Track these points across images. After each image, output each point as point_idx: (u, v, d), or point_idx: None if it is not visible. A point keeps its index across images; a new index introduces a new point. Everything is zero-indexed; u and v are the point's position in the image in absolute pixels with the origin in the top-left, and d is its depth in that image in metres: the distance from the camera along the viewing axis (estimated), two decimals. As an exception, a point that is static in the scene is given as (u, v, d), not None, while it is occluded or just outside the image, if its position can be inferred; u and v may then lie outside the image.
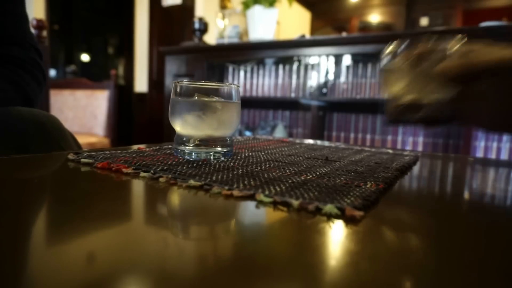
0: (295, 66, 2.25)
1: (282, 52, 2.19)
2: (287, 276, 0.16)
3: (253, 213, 0.26)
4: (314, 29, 5.38)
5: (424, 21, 4.82)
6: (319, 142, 0.74)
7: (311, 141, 0.75)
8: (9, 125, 0.52)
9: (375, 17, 5.34)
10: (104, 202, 0.27)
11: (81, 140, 0.83)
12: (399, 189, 0.36)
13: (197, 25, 2.47)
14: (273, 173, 0.35)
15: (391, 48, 0.43)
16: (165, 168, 0.36)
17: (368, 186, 0.32)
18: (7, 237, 0.19)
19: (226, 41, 2.56)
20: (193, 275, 0.16)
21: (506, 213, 0.32)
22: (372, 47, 1.94)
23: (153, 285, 0.15)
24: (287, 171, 0.37)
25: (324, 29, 5.35)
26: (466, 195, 0.40)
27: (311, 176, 0.35)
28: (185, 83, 0.42)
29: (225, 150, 0.43)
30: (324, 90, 2.16)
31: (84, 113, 2.47)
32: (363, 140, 2.05)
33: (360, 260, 0.19)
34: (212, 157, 0.42)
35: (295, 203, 0.26)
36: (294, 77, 2.25)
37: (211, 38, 3.01)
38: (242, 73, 2.43)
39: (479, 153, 1.71)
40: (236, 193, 0.28)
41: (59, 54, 3.85)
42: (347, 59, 2.12)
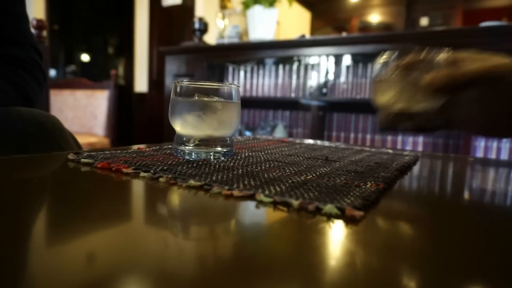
0: (295, 66, 2.25)
1: (282, 52, 2.19)
2: (287, 276, 0.16)
3: (253, 213, 0.26)
4: (314, 29, 5.38)
5: (424, 21, 4.82)
6: (319, 142, 0.74)
7: (311, 141, 0.75)
8: (9, 125, 0.52)
9: (375, 17, 5.34)
10: (104, 202, 0.27)
11: (81, 140, 0.83)
12: (399, 189, 0.36)
13: (197, 25, 2.47)
14: (273, 173, 0.35)
15: (382, 58, 0.45)
16: (165, 168, 0.36)
17: (368, 186, 0.32)
18: (7, 237, 0.19)
19: (226, 41, 2.56)
20: (193, 275, 0.16)
21: (506, 213, 0.32)
22: (372, 47, 1.94)
23: (153, 285, 0.15)
24: (287, 171, 0.37)
25: (324, 29, 5.35)
26: (466, 195, 0.40)
27: (311, 176, 0.35)
28: (185, 83, 0.42)
29: (225, 150, 0.43)
30: (324, 90, 2.16)
31: (84, 113, 2.47)
32: (363, 140, 2.05)
33: (360, 260, 0.19)
34: (212, 157, 0.42)
35: (295, 203, 0.26)
36: (294, 77, 2.25)
37: (211, 38, 3.01)
38: (242, 73, 2.43)
39: (479, 153, 1.71)
40: (236, 193, 0.28)
41: (59, 54, 3.86)
42: (347, 59, 2.12)
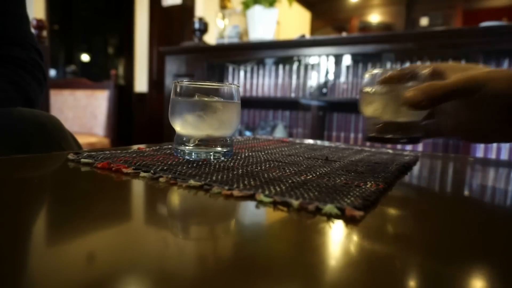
0: (295, 66, 2.25)
1: (282, 52, 2.19)
2: (287, 276, 0.16)
3: (253, 213, 0.26)
4: (314, 29, 5.38)
5: (424, 21, 4.82)
6: (319, 142, 0.74)
7: (311, 141, 0.75)
8: (10, 125, 0.52)
9: (375, 17, 5.34)
10: (104, 202, 0.27)
11: (81, 140, 0.83)
12: (399, 189, 0.36)
13: (197, 25, 2.47)
14: (273, 173, 0.35)
15: (369, 72, 0.46)
16: (165, 168, 0.36)
17: (368, 186, 0.32)
18: (7, 237, 0.19)
19: (226, 41, 2.56)
20: (193, 275, 0.16)
21: (506, 212, 0.32)
22: (372, 47, 1.94)
23: (153, 285, 0.15)
24: (287, 171, 0.37)
25: (324, 29, 5.35)
26: (466, 195, 0.40)
27: (311, 176, 0.35)
28: (185, 83, 0.42)
29: (225, 150, 0.43)
30: (324, 90, 2.16)
31: (84, 113, 2.47)
32: (363, 140, 2.05)
33: (360, 260, 0.19)
34: (212, 157, 0.42)
35: (295, 203, 0.26)
36: (294, 77, 2.25)
37: (211, 38, 3.01)
38: (242, 73, 2.43)
39: (479, 153, 1.71)
40: (236, 193, 0.28)
41: (59, 54, 3.86)
42: (347, 59, 2.12)
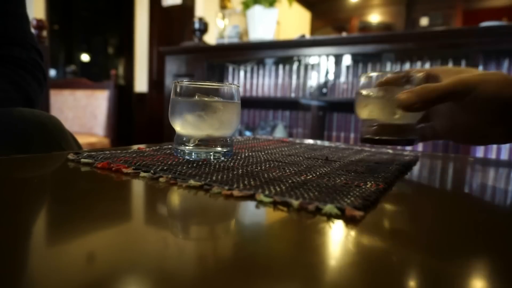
0: (295, 66, 2.25)
1: (282, 52, 2.19)
2: (287, 276, 0.16)
3: (253, 213, 0.26)
4: (314, 29, 5.38)
5: (424, 21, 4.82)
6: (319, 142, 0.74)
7: (311, 141, 0.75)
8: (10, 125, 0.52)
9: (375, 17, 5.34)
10: (104, 202, 0.27)
11: (81, 140, 0.83)
12: (399, 189, 0.36)
13: (197, 25, 2.47)
14: (273, 173, 0.35)
15: (366, 74, 0.47)
16: (165, 168, 0.36)
17: (368, 186, 0.32)
18: (7, 237, 0.19)
19: (226, 41, 2.56)
20: (193, 275, 0.16)
21: (507, 212, 0.32)
22: (372, 47, 1.94)
23: (153, 285, 0.15)
24: (287, 171, 0.37)
25: (324, 29, 5.35)
26: (466, 195, 0.40)
27: (311, 176, 0.35)
28: (185, 83, 0.42)
29: (225, 150, 0.43)
30: (324, 90, 2.16)
31: (84, 113, 2.47)
32: (363, 140, 2.05)
33: (360, 260, 0.19)
34: (212, 157, 0.42)
35: (295, 203, 0.26)
36: (294, 77, 2.25)
37: (211, 38, 3.01)
38: (242, 73, 2.43)
39: (479, 153, 1.71)
40: (236, 193, 0.28)
41: (59, 54, 3.86)
42: (347, 59, 2.12)
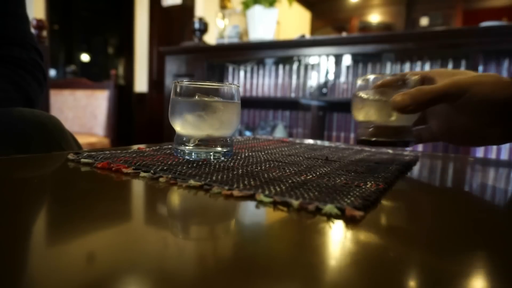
0: (295, 66, 2.25)
1: (282, 52, 2.19)
2: (287, 276, 0.16)
3: (253, 213, 0.26)
4: (314, 29, 5.38)
5: (424, 21, 4.82)
6: (319, 142, 0.74)
7: (311, 141, 0.75)
8: (10, 125, 0.52)
9: (375, 17, 5.34)
10: (104, 202, 0.27)
11: (81, 140, 0.83)
12: (399, 189, 0.36)
13: (197, 25, 2.47)
14: (273, 173, 0.35)
15: (363, 77, 0.48)
16: (165, 168, 0.36)
17: (368, 186, 0.32)
18: (7, 237, 0.19)
19: (226, 41, 2.56)
20: (193, 275, 0.16)
21: (507, 212, 0.32)
22: (372, 47, 1.94)
23: (153, 285, 0.15)
24: (287, 171, 0.37)
25: (324, 29, 5.35)
26: (466, 195, 0.40)
27: (311, 176, 0.35)
28: (185, 83, 0.42)
29: (225, 150, 0.43)
30: (324, 90, 2.16)
31: (84, 113, 2.47)
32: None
33: (360, 260, 0.19)
34: (212, 157, 0.42)
35: (295, 203, 0.26)
36: (294, 77, 2.25)
37: (211, 38, 3.01)
38: (242, 73, 2.43)
39: (479, 153, 1.71)
40: (236, 193, 0.28)
41: (59, 54, 3.86)
42: (347, 59, 2.12)
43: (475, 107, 0.42)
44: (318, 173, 0.37)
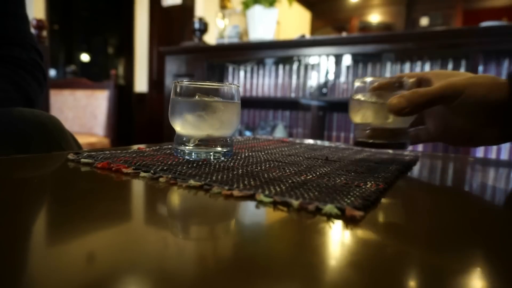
0: (295, 66, 2.25)
1: (282, 52, 2.19)
2: (287, 276, 0.16)
3: (253, 213, 0.26)
4: (314, 29, 5.38)
5: (424, 21, 4.82)
6: (319, 142, 0.74)
7: (311, 141, 0.75)
8: (10, 125, 0.52)
9: (375, 17, 5.34)
10: (104, 202, 0.27)
11: (81, 140, 0.83)
12: (399, 189, 0.36)
13: (197, 25, 2.47)
14: (273, 173, 0.35)
15: (360, 80, 0.48)
16: (165, 168, 0.36)
17: (368, 186, 0.32)
18: (7, 237, 0.19)
19: (226, 41, 2.56)
20: (193, 275, 0.16)
21: (507, 212, 0.32)
22: (372, 47, 1.94)
23: (153, 285, 0.15)
24: (287, 171, 0.37)
25: (324, 29, 5.35)
26: (466, 195, 0.40)
27: (311, 176, 0.35)
28: (185, 83, 0.42)
29: (225, 150, 0.43)
30: (324, 90, 2.16)
31: (84, 113, 2.47)
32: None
33: (360, 260, 0.19)
34: (212, 157, 0.42)
35: (295, 203, 0.26)
36: (294, 77, 2.25)
37: (211, 38, 3.01)
38: (242, 73, 2.43)
39: (479, 153, 1.71)
40: (236, 193, 0.28)
41: (59, 54, 3.86)
42: (347, 59, 2.12)
43: (470, 109, 0.42)
44: (318, 173, 0.37)
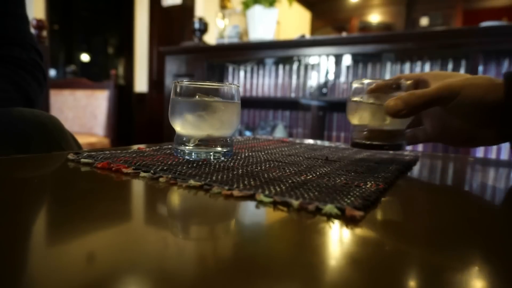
0: (295, 66, 2.25)
1: (282, 52, 2.19)
2: (287, 276, 0.16)
3: (253, 213, 0.26)
4: (314, 29, 5.38)
5: (424, 21, 4.82)
6: (319, 142, 0.74)
7: (311, 141, 0.75)
8: (10, 125, 0.52)
9: (375, 17, 5.34)
10: (104, 202, 0.27)
11: (81, 140, 0.83)
12: (399, 189, 0.36)
13: (197, 25, 2.47)
14: (273, 173, 0.35)
15: (358, 81, 0.48)
16: (165, 168, 0.36)
17: (368, 186, 0.32)
18: (7, 237, 0.19)
19: (226, 41, 2.56)
20: (193, 275, 0.16)
21: (507, 212, 0.32)
22: (372, 47, 1.94)
23: (153, 285, 0.15)
24: (287, 171, 0.37)
25: (324, 29, 5.35)
26: (466, 195, 0.40)
27: (311, 176, 0.35)
28: (185, 83, 0.42)
29: (225, 150, 0.43)
30: (324, 90, 2.16)
31: (84, 113, 2.47)
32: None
33: (360, 260, 0.19)
34: (212, 157, 0.42)
35: (295, 203, 0.26)
36: (294, 77, 2.25)
37: (211, 38, 3.01)
38: (242, 73, 2.43)
39: (479, 153, 1.71)
40: (236, 193, 0.28)
41: (59, 54, 3.86)
42: (347, 59, 2.12)
43: (467, 109, 0.42)
44: (318, 173, 0.37)
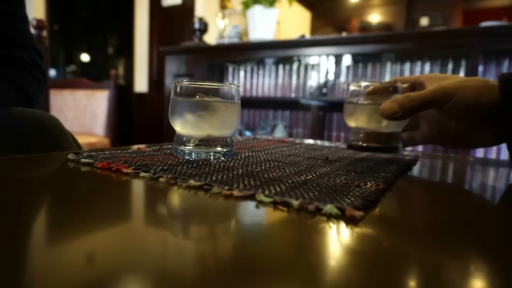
0: (295, 66, 2.25)
1: (282, 52, 2.19)
2: (287, 276, 0.16)
3: (253, 213, 0.26)
4: (314, 29, 5.38)
5: (424, 21, 4.82)
6: (319, 142, 0.74)
7: (311, 141, 0.75)
8: (10, 125, 0.52)
9: (375, 17, 5.34)
10: (104, 202, 0.27)
11: (81, 140, 0.83)
12: (399, 189, 0.36)
13: (197, 25, 2.47)
14: (273, 173, 0.35)
15: (355, 84, 0.49)
16: (165, 168, 0.36)
17: (368, 186, 0.32)
18: (7, 237, 0.19)
19: (226, 41, 2.56)
20: (193, 275, 0.16)
21: (506, 211, 0.32)
22: (372, 47, 1.94)
23: (153, 285, 0.15)
24: (287, 171, 0.37)
25: (324, 29, 5.35)
26: (466, 194, 0.40)
27: (311, 176, 0.35)
28: (185, 83, 0.42)
29: (225, 150, 0.43)
30: (324, 90, 2.16)
31: (84, 113, 2.47)
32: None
33: (360, 260, 0.19)
34: (212, 157, 0.42)
35: (295, 203, 0.26)
36: (294, 77, 2.25)
37: (211, 38, 3.01)
38: (242, 73, 2.43)
39: (479, 153, 1.71)
40: (236, 193, 0.28)
41: (59, 54, 3.86)
42: (347, 59, 2.12)
43: (462, 112, 0.42)
44: (318, 173, 0.37)
